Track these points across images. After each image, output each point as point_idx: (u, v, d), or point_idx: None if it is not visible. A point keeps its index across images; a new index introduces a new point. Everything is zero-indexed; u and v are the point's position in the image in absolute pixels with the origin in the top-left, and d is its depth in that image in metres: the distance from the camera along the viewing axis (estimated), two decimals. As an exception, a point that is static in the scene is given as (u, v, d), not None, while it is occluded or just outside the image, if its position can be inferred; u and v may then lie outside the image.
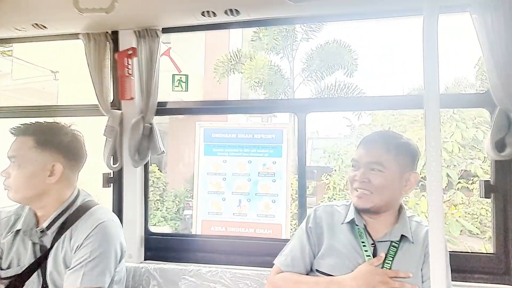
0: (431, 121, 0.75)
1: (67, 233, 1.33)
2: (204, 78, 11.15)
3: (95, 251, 1.28)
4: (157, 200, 9.16)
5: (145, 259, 1.90)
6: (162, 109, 1.92)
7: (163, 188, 9.59)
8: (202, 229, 4.03)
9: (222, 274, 1.71)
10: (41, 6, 1.59)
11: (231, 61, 10.32)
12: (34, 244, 1.35)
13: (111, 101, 1.89)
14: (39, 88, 9.30)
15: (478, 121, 7.42)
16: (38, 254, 1.34)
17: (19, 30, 1.79)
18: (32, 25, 1.73)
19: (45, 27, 1.74)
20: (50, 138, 1.35)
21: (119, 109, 1.89)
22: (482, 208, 7.56)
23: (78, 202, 1.40)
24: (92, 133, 2.14)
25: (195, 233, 4.06)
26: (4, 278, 1.34)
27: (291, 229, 4.94)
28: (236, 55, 10.31)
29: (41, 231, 1.33)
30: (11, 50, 9.23)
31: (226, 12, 1.56)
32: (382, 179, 1.25)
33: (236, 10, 1.53)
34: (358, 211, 1.34)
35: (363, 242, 1.29)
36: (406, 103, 1.90)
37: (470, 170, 7.47)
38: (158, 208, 9.05)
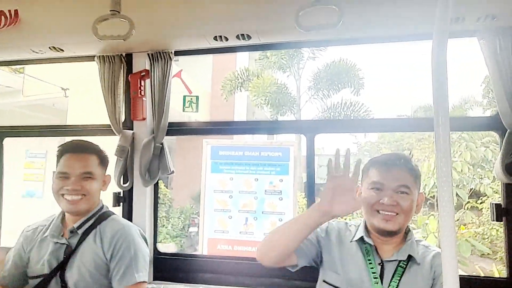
0: (442, 145, 0.75)
1: (96, 233, 1.52)
2: (211, 95, 11.27)
3: (130, 248, 1.49)
4: (163, 216, 9.14)
5: (154, 279, 1.89)
6: (173, 129, 1.95)
7: (169, 205, 9.57)
8: (208, 248, 4.01)
9: (231, 296, 1.70)
10: (60, 30, 1.65)
11: (238, 79, 10.43)
12: (59, 246, 1.51)
13: (123, 121, 1.93)
14: (49, 105, 9.44)
15: (487, 140, 7.38)
16: (62, 256, 1.49)
17: (36, 52, 1.85)
18: (50, 48, 1.78)
19: (62, 49, 1.79)
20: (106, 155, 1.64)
21: (131, 129, 1.92)
22: (492, 228, 7.43)
23: (102, 210, 1.61)
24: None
25: (201, 252, 4.03)
26: (32, 277, 1.51)
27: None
28: (244, 73, 10.43)
29: (70, 231, 1.52)
30: (23, 67, 9.45)
31: (237, 37, 1.60)
32: (409, 201, 1.28)
33: (247, 35, 1.58)
34: (368, 229, 1.36)
35: (369, 260, 1.31)
36: (414, 125, 1.90)
37: (479, 190, 7.39)
38: (164, 225, 9.02)
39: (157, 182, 1.94)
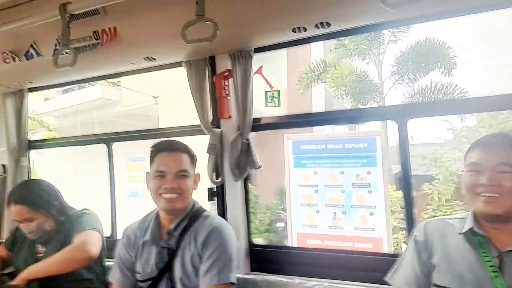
0: None
1: (191, 233, 1.56)
2: (287, 91, 11.29)
3: (219, 249, 1.49)
4: (250, 212, 9.43)
5: (251, 271, 1.97)
6: (257, 125, 2.00)
7: (255, 201, 9.85)
8: (298, 242, 4.02)
9: (327, 289, 1.68)
10: (152, 40, 1.80)
11: (314, 72, 10.26)
12: (161, 249, 1.59)
13: (211, 120, 2.03)
14: (142, 113, 10.45)
15: None
16: (166, 258, 1.57)
17: (134, 64, 2.05)
18: (144, 58, 1.96)
19: (154, 59, 1.96)
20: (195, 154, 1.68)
21: (219, 128, 2.01)
22: None
23: (195, 207, 1.66)
24: (195, 151, 2.33)
25: (291, 246, 4.06)
26: (141, 281, 1.61)
27: (393, 243, 4.63)
28: (319, 65, 10.23)
29: (168, 233, 1.58)
30: (120, 81, 10.58)
31: (316, 26, 1.57)
32: None
33: (327, 22, 1.53)
34: (478, 220, 1.24)
35: (484, 253, 1.19)
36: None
37: None
38: (251, 221, 9.32)
39: (247, 177, 2.00)
